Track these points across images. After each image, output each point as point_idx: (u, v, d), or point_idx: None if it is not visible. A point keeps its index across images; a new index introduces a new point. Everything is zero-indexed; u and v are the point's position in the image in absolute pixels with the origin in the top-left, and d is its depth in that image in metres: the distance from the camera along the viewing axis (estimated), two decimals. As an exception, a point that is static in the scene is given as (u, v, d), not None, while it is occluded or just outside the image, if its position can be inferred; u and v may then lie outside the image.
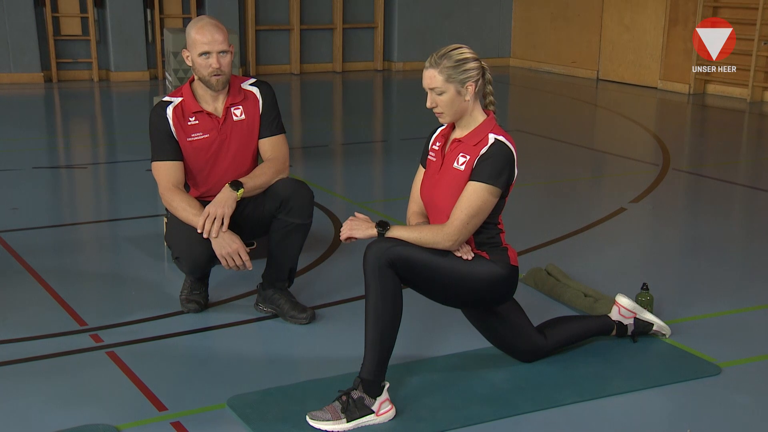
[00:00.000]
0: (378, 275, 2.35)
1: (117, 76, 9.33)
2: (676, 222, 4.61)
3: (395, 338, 2.40)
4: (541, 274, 3.46)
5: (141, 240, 4.02)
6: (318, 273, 3.66)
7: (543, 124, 7.40)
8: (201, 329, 3.06)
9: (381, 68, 10.48)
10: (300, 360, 2.87)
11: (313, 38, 10.15)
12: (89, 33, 9.16)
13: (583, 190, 5.33)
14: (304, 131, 6.97)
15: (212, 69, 2.98)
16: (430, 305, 2.68)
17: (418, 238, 2.42)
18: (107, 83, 9.21)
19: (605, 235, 4.28)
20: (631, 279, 3.45)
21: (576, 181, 5.53)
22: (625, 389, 2.60)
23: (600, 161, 6.14)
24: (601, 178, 5.73)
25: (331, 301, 3.32)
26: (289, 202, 2.98)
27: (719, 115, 7.76)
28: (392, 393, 2.48)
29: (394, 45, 10.47)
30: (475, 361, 2.78)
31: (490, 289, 2.51)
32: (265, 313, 3.17)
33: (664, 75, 8.88)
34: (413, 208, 2.69)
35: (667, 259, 3.96)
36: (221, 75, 2.99)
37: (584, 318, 2.89)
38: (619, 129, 7.26)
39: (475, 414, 2.43)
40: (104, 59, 9.34)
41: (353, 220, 2.49)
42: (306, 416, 2.35)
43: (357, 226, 2.48)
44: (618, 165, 5.90)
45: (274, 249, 3.07)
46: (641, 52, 9.17)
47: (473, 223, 2.45)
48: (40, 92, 8.71)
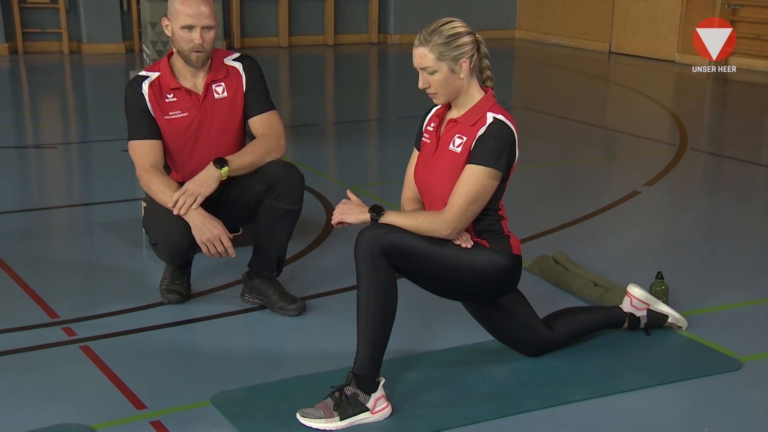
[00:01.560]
0: (370, 264, 2.35)
1: (89, 48, 9.27)
2: (694, 206, 4.62)
3: (390, 331, 2.40)
4: (547, 262, 3.47)
5: (117, 226, 4.01)
6: (308, 261, 3.66)
7: (550, 102, 7.40)
8: (183, 321, 3.07)
9: (376, 41, 10.44)
10: (289, 354, 2.88)
11: (302, 8, 10.09)
12: (58, 0, 9.09)
13: (594, 173, 5.34)
14: (294, 109, 6.95)
15: (194, 44, 2.96)
16: (428, 295, 2.69)
17: (413, 225, 2.42)
18: (79, 56, 9.17)
19: (617, 220, 4.29)
20: (645, 267, 3.46)
21: (585, 163, 5.53)
22: (637, 385, 2.62)
23: (612, 141, 6.14)
24: (612, 159, 5.74)
25: (322, 291, 3.33)
26: (277, 186, 2.98)
27: (742, 91, 7.75)
28: (388, 389, 2.49)
29: (390, 15, 10.43)
30: (476, 356, 2.79)
31: (490, 280, 2.52)
32: (251, 304, 3.18)
33: (683, 47, 8.86)
34: (407, 194, 2.69)
35: (684, 246, 3.98)
36: (202, 52, 2.97)
37: (594, 309, 2.90)
38: (632, 106, 7.26)
39: (476, 412, 2.44)
40: (75, 30, 9.29)
41: (345, 203, 2.50)
42: (296, 414, 2.37)
43: (349, 211, 2.48)
44: (631, 145, 5.91)
45: (261, 236, 3.07)
46: (658, 22, 9.14)
47: (472, 209, 2.45)
48: (5, 65, 8.66)
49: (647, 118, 6.73)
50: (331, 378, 2.55)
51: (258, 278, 3.14)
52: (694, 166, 5.35)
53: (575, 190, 4.85)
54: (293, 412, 2.39)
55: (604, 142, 6.15)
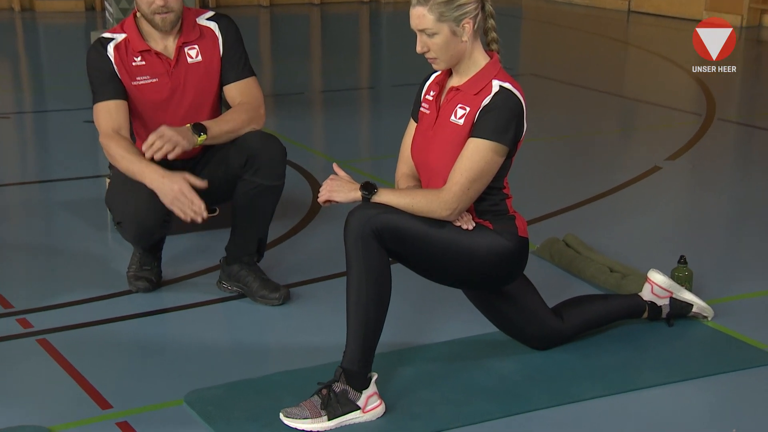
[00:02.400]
0: (361, 247, 2.35)
1: (43, 6, 9.20)
2: (721, 183, 4.64)
3: (383, 321, 2.41)
4: (558, 245, 3.48)
5: (79, 205, 4.00)
6: (292, 245, 3.66)
7: (562, 67, 7.39)
8: (152, 312, 3.07)
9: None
10: (271, 348, 2.89)
11: (284, -39, 10.03)
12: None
13: (610, 146, 5.35)
14: (276, 76, 6.94)
15: (156, 6, 2.93)
16: (425, 282, 2.70)
17: (409, 205, 2.43)
18: (32, 14, 9.10)
19: (635, 199, 4.31)
20: (666, 251, 3.47)
21: (600, 136, 5.54)
22: (657, 382, 2.63)
23: (630, 111, 6.15)
24: (631, 131, 5.74)
25: (308, 278, 3.34)
26: (256, 160, 2.97)
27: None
28: (381, 386, 2.50)
29: (383, -31, 10.37)
30: (478, 349, 2.80)
31: (494, 265, 2.52)
32: (229, 292, 3.18)
33: (711, 5, 8.84)
34: (403, 170, 2.68)
35: (710, 227, 3.99)
36: (169, 12, 2.94)
37: (609, 297, 2.91)
38: (654, 71, 7.26)
39: (479, 410, 2.45)
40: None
41: (333, 180, 2.50)
42: (279, 414, 2.37)
43: (338, 188, 2.48)
44: (652, 115, 5.92)
45: (239, 216, 3.07)
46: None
47: (475, 187, 2.45)
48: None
49: (670, 85, 6.74)
50: (318, 374, 2.55)
51: (236, 264, 3.14)
52: (722, 138, 5.36)
53: (589, 166, 4.86)
54: (276, 412, 2.39)
55: (622, 112, 6.16)
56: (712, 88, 6.41)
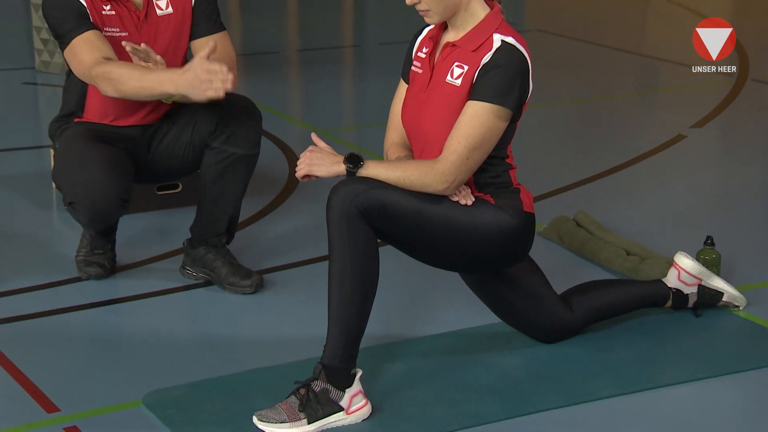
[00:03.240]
0: (345, 228, 2.35)
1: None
2: (754, 154, 4.65)
3: (369, 311, 2.41)
4: (567, 225, 3.49)
5: (18, 181, 3.99)
6: (267, 225, 3.66)
7: (572, 21, 7.37)
8: (105, 302, 3.07)
9: (351, -57, 10.34)
10: (242, 342, 2.89)
11: None
12: None
13: (627, 112, 5.34)
14: (247, 33, 6.90)
15: None
16: (418, 266, 2.70)
17: (400, 178, 2.42)
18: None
19: (656, 172, 4.31)
20: (691, 231, 3.49)
21: (616, 100, 5.54)
22: (682, 378, 2.63)
23: (651, 71, 6.15)
24: (651, 94, 5.75)
25: (284, 262, 3.34)
26: (228, 125, 2.96)
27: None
28: (367, 384, 2.50)
29: None
30: (477, 342, 2.80)
31: (496, 245, 2.52)
32: (194, 279, 3.19)
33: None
34: (393, 138, 2.68)
35: (741, 203, 4.00)
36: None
37: (627, 284, 2.92)
38: (678, 25, 7.25)
39: (478, 411, 2.46)
40: None
41: (313, 151, 2.49)
42: (252, 417, 2.37)
43: (318, 161, 2.47)
44: (676, 76, 5.92)
45: (207, 190, 3.06)
46: None
47: (475, 157, 2.45)
48: None
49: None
50: (296, 371, 2.55)
51: (203, 246, 3.14)
52: (756, 102, 5.37)
53: (603, 135, 4.86)
54: (248, 415, 2.39)
55: (641, 72, 6.16)
56: (746, 44, 6.38)
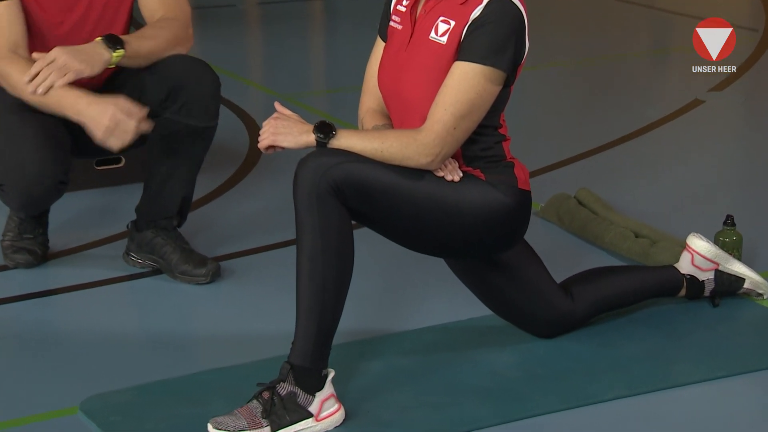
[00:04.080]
0: (315, 207, 2.35)
1: None
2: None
3: (343, 303, 2.41)
4: (568, 203, 3.49)
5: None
6: (224, 205, 3.66)
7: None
8: (37, 293, 3.06)
9: None
10: (196, 339, 2.89)
11: None
12: None
13: (637, 74, 5.35)
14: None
15: None
16: (399, 251, 2.69)
17: (378, 150, 2.42)
18: None
19: (669, 142, 4.32)
20: (708, 210, 3.50)
21: (625, 60, 5.54)
22: (698, 377, 2.64)
23: (664, 26, 6.15)
24: (665, 54, 5.75)
25: (244, 248, 3.34)
26: (182, 93, 2.96)
27: None
28: (340, 386, 2.49)
29: None
30: (466, 338, 2.81)
31: (487, 226, 2.52)
32: (140, 267, 3.18)
33: None
34: (368, 104, 2.68)
35: (766, 178, 4.01)
36: None
37: (635, 270, 2.93)
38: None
39: (466, 416, 2.46)
40: None
41: (278, 119, 2.48)
42: (207, 425, 2.36)
43: (284, 129, 2.46)
44: (692, 31, 5.90)
45: (156, 167, 3.06)
46: None
47: (463, 126, 2.45)
48: None
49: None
50: (258, 372, 2.54)
51: (150, 230, 3.13)
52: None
53: (609, 100, 4.86)
54: (203, 423, 2.38)
55: (654, 28, 6.16)
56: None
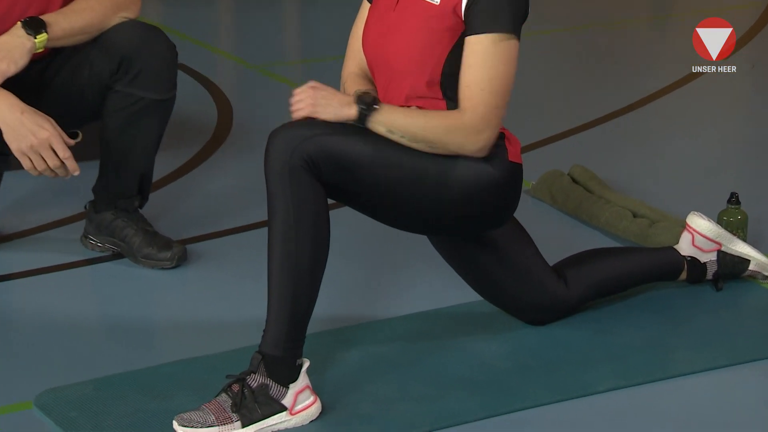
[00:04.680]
0: (288, 183, 2.34)
1: None
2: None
3: (318, 287, 2.41)
4: (561, 181, 3.49)
5: None
6: (191, 183, 3.65)
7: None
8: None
9: None
10: (161, 328, 2.89)
11: None
12: None
13: (635, 41, 5.36)
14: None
15: None
16: (378, 230, 2.68)
17: (421, 127, 2.41)
18: None
19: (669, 115, 4.32)
20: (711, 187, 3.49)
21: (622, 26, 5.52)
22: (699, 367, 2.65)
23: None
24: (665, 18, 5.74)
25: (212, 230, 3.34)
26: (134, 63, 2.95)
27: None
28: (316, 377, 2.49)
29: None
30: (452, 325, 2.81)
31: (475, 202, 2.52)
32: (100, 251, 3.18)
33: None
34: (350, 68, 2.68)
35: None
36: None
37: (633, 252, 2.94)
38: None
39: (452, 409, 2.46)
40: None
41: (317, 89, 2.45)
42: (172, 421, 2.35)
43: (324, 100, 2.43)
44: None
45: (111, 143, 3.06)
46: None
47: (503, 102, 2.45)
48: None
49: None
50: (227, 363, 2.54)
51: (110, 211, 3.13)
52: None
53: (606, 70, 4.86)
54: (168, 418, 2.37)
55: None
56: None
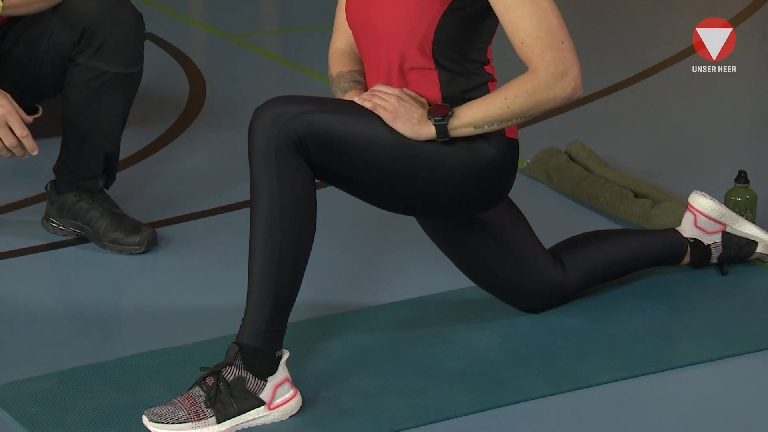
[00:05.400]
0: (274, 162, 2.35)
1: None
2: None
3: (302, 274, 2.41)
4: (558, 159, 3.50)
5: None
6: (162, 162, 3.65)
7: None
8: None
9: None
10: (129, 317, 2.89)
11: None
12: None
13: (638, 7, 5.34)
14: None
15: None
16: (365, 212, 2.68)
17: (505, 108, 2.41)
18: None
19: (675, 88, 4.33)
20: (719, 164, 3.51)
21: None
22: (704, 357, 2.65)
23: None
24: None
25: (186, 212, 3.34)
26: (97, 34, 2.95)
27: None
28: (296, 370, 2.49)
29: None
30: (441, 313, 2.81)
31: (468, 180, 2.52)
32: (62, 234, 3.18)
33: None
34: (338, 44, 2.68)
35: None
36: None
37: (633, 235, 2.94)
38: None
39: (441, 403, 2.46)
40: None
41: (402, 100, 2.45)
42: (142, 417, 2.36)
43: (405, 113, 2.44)
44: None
45: (74, 120, 3.06)
46: None
47: (564, 33, 2.45)
48: None
49: None
50: (201, 354, 2.54)
51: (73, 192, 3.13)
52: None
53: (606, 39, 4.86)
54: (137, 414, 2.37)
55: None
56: None
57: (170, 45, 4.51)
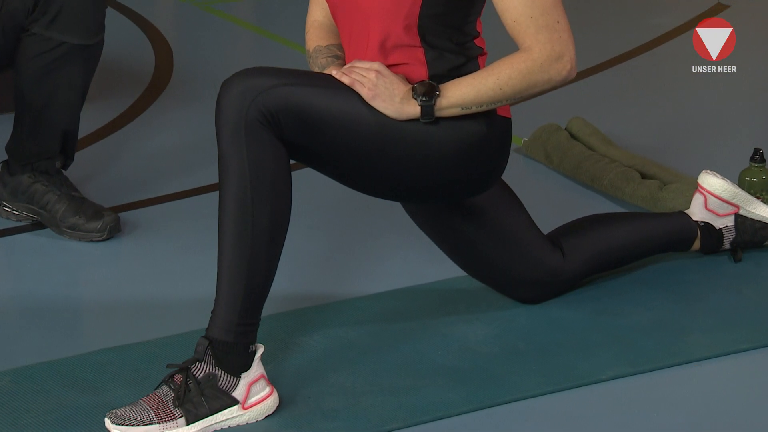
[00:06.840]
0: (245, 140, 2.35)
1: None
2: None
3: (277, 261, 2.41)
4: (558, 136, 3.51)
5: None
6: (125, 141, 3.66)
7: None
8: None
9: None
10: (90, 309, 2.90)
11: None
12: None
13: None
14: None
15: None
16: (346, 196, 2.68)
17: (497, 88, 2.42)
18: None
19: (683, 59, 4.33)
20: (732, 142, 3.54)
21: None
22: (717, 351, 2.66)
23: None
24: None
25: (151, 195, 3.34)
26: (53, 1, 2.96)
27: None
28: (273, 366, 2.51)
29: None
30: (431, 305, 2.82)
31: (458, 161, 2.52)
32: (16, 220, 3.19)
33: None
34: (315, 15, 2.69)
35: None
36: None
37: (639, 218, 2.95)
38: None
39: (430, 402, 2.47)
40: None
41: (381, 75, 2.45)
42: (105, 418, 2.35)
43: (385, 90, 2.44)
44: None
45: (28, 95, 3.06)
46: None
47: (560, 12, 2.46)
48: None
49: None
50: (168, 350, 2.56)
51: (28, 173, 3.13)
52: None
53: (609, 6, 4.85)
54: (99, 415, 2.37)
55: None
56: None
57: (134, 12, 4.50)
